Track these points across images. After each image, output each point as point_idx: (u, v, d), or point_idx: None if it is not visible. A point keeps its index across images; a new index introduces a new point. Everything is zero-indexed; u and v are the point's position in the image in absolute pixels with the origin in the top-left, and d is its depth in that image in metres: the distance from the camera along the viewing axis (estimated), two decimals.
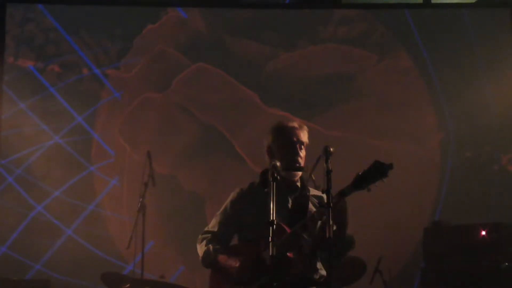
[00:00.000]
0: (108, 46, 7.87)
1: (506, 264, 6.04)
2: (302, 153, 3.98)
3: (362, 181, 3.57)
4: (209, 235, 4.08)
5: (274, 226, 3.41)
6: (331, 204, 3.47)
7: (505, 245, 6.15)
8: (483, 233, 6.19)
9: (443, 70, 7.72)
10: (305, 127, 4.07)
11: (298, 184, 4.04)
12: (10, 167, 7.53)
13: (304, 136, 4.02)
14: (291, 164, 3.90)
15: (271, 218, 3.43)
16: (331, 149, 3.62)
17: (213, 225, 4.12)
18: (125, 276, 5.92)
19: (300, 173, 4.03)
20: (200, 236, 4.11)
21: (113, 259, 7.35)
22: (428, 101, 7.76)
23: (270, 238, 3.39)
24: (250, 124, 7.72)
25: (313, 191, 4.04)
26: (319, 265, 3.96)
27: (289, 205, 3.97)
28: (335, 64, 7.86)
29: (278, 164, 3.65)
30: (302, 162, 3.97)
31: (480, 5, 7.89)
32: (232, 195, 4.13)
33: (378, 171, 3.53)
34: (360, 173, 3.58)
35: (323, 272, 3.95)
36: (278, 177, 3.61)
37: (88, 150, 7.68)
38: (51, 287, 6.84)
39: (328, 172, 3.58)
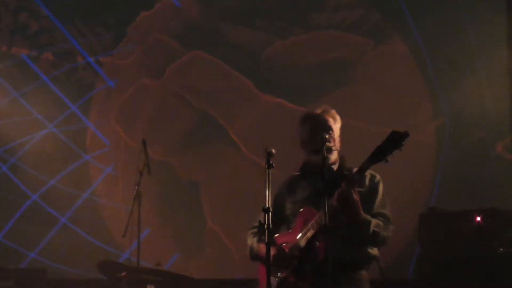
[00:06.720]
0: (102, 34, 7.84)
1: (502, 250, 6.05)
2: (330, 137, 3.96)
3: (380, 153, 3.58)
4: (256, 229, 4.10)
5: (270, 214, 3.45)
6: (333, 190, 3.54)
7: (500, 231, 6.14)
8: (479, 219, 6.18)
9: (437, 56, 7.69)
10: (331, 111, 4.08)
11: (334, 167, 4.03)
12: (4, 156, 7.51)
13: (331, 120, 4.04)
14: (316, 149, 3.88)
15: (266, 206, 3.46)
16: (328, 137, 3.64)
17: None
18: (121, 264, 5.92)
19: (334, 157, 4.02)
20: (248, 232, 4.14)
21: (109, 247, 7.35)
22: (423, 87, 7.73)
23: (265, 225, 3.42)
24: (245, 111, 7.71)
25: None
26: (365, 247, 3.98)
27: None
28: (330, 50, 7.84)
29: (273, 151, 3.67)
30: (331, 145, 3.94)
31: None
32: (277, 189, 4.15)
33: (394, 141, 3.55)
34: (378, 146, 3.59)
35: (371, 252, 3.97)
36: (273, 164, 3.62)
37: (83, 139, 7.67)
38: (47, 276, 6.85)
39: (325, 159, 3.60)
